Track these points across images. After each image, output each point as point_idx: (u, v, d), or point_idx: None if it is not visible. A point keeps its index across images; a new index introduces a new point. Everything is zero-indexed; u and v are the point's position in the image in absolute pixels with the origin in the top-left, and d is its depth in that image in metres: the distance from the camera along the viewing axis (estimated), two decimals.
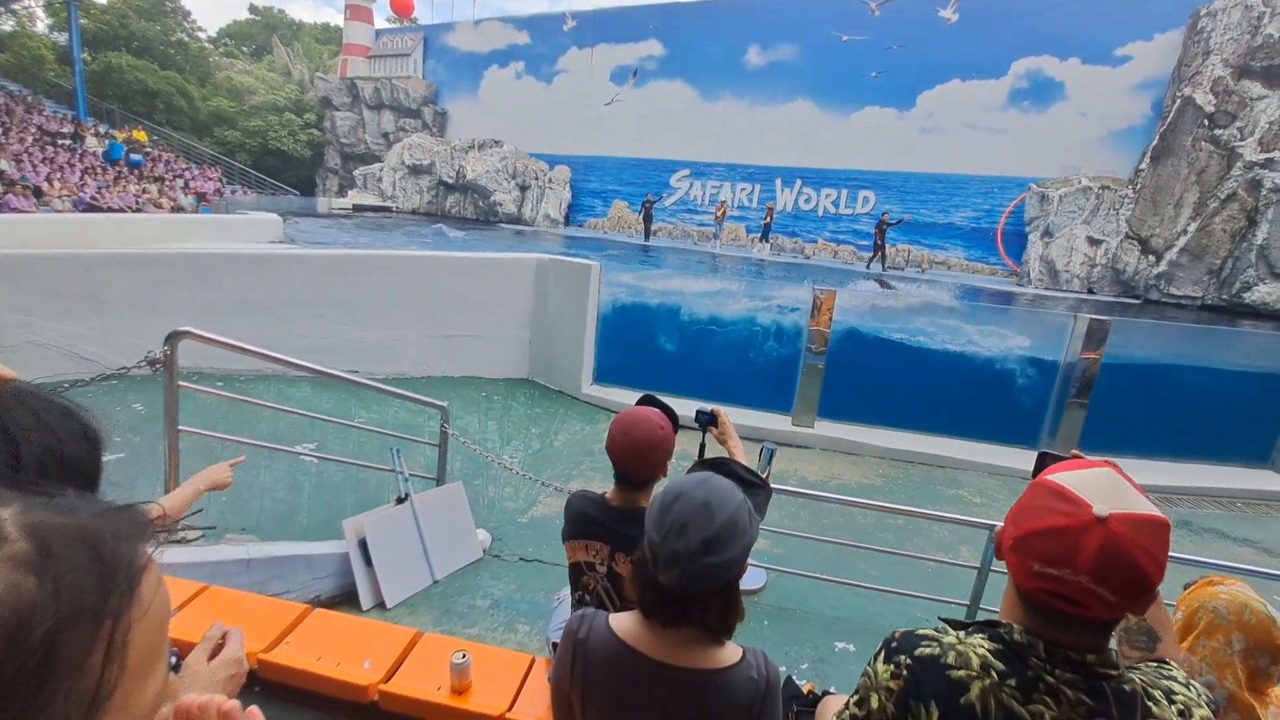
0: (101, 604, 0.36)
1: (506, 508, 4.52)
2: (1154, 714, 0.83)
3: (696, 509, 1.05)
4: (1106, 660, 0.86)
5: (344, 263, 6.99)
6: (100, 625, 0.36)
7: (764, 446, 3.58)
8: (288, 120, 28.04)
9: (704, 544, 1.02)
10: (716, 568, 1.03)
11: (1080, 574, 0.80)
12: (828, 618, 3.54)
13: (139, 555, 0.39)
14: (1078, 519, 0.82)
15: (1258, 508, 5.75)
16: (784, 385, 6.48)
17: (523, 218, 23.45)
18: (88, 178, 15.86)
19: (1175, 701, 0.86)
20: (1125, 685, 0.85)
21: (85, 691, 0.35)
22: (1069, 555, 0.81)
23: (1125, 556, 0.80)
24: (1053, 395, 6.16)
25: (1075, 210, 16.02)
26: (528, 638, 3.13)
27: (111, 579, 0.37)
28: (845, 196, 20.05)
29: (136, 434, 4.54)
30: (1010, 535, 0.89)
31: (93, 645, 0.36)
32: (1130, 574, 0.80)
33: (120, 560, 0.38)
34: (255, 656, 2.09)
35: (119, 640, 0.37)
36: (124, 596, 0.38)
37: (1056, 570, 0.82)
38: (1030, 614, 0.89)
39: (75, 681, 0.35)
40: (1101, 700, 0.83)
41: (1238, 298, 13.78)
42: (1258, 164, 13.50)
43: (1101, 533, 0.80)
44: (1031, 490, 0.91)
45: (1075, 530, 0.81)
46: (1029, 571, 0.85)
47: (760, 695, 1.09)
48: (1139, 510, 0.82)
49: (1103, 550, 0.79)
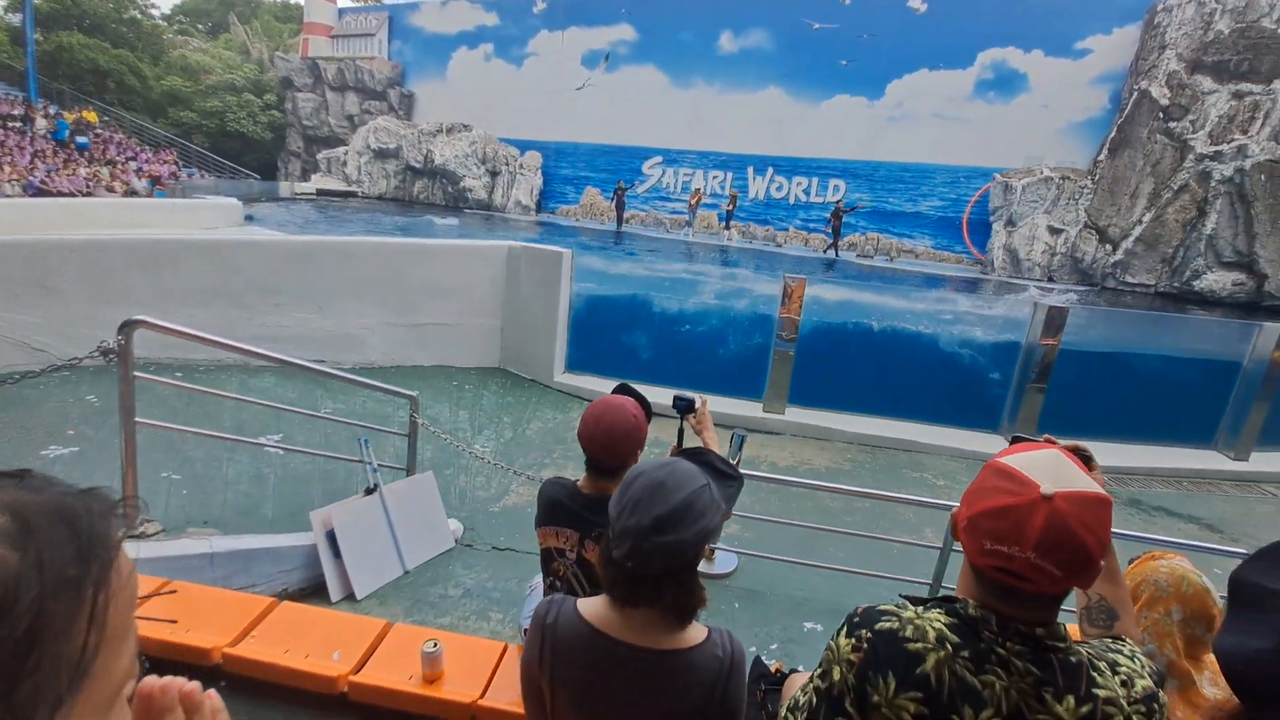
0: (82, 575, 0.38)
1: (478, 497, 4.50)
2: (1098, 683, 0.88)
3: (652, 488, 1.07)
4: (1055, 633, 0.90)
5: (308, 250, 6.81)
6: (82, 595, 0.38)
7: (735, 433, 3.63)
8: (247, 101, 27.06)
9: (655, 522, 1.04)
10: (666, 546, 1.04)
11: (1028, 550, 0.84)
12: (797, 599, 3.62)
13: (113, 530, 0.42)
14: (1025, 498, 0.86)
15: (1202, 485, 6.04)
16: (755, 372, 6.56)
17: (493, 204, 23.11)
18: (37, 161, 15.14)
19: (1119, 672, 0.91)
20: (1072, 657, 0.89)
21: (71, 657, 0.37)
22: (1017, 533, 0.85)
23: (1069, 533, 0.84)
24: (1013, 380, 6.36)
25: (1037, 200, 16.45)
26: (501, 626, 3.13)
27: (90, 552, 0.39)
28: (816, 185, 20.23)
29: (90, 427, 4.39)
30: (963, 516, 0.94)
31: (76, 614, 0.38)
32: (1074, 550, 0.84)
33: (96, 535, 0.40)
34: (220, 650, 2.05)
35: (100, 609, 0.39)
36: (103, 567, 0.40)
37: (1006, 548, 0.85)
38: (984, 589, 0.93)
39: (61, 647, 0.37)
40: (1049, 671, 0.87)
41: (1188, 285, 14.35)
42: (1208, 156, 14.02)
43: (1047, 510, 0.84)
44: (983, 472, 0.95)
45: (1023, 509, 0.85)
46: (980, 549, 0.89)
47: (725, 672, 1.12)
48: (1082, 488, 0.87)
49: (1048, 527, 0.84)
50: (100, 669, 0.39)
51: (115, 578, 0.41)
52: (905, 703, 0.88)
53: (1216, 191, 13.89)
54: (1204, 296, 14.15)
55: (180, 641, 2.06)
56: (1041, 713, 0.86)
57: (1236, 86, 14.01)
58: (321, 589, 3.23)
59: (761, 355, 6.51)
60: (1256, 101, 13.72)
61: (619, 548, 1.06)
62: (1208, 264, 14.15)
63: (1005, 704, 0.87)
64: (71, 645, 0.37)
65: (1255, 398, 6.26)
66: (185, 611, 2.22)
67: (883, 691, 0.89)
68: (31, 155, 15.24)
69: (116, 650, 0.41)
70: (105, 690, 0.40)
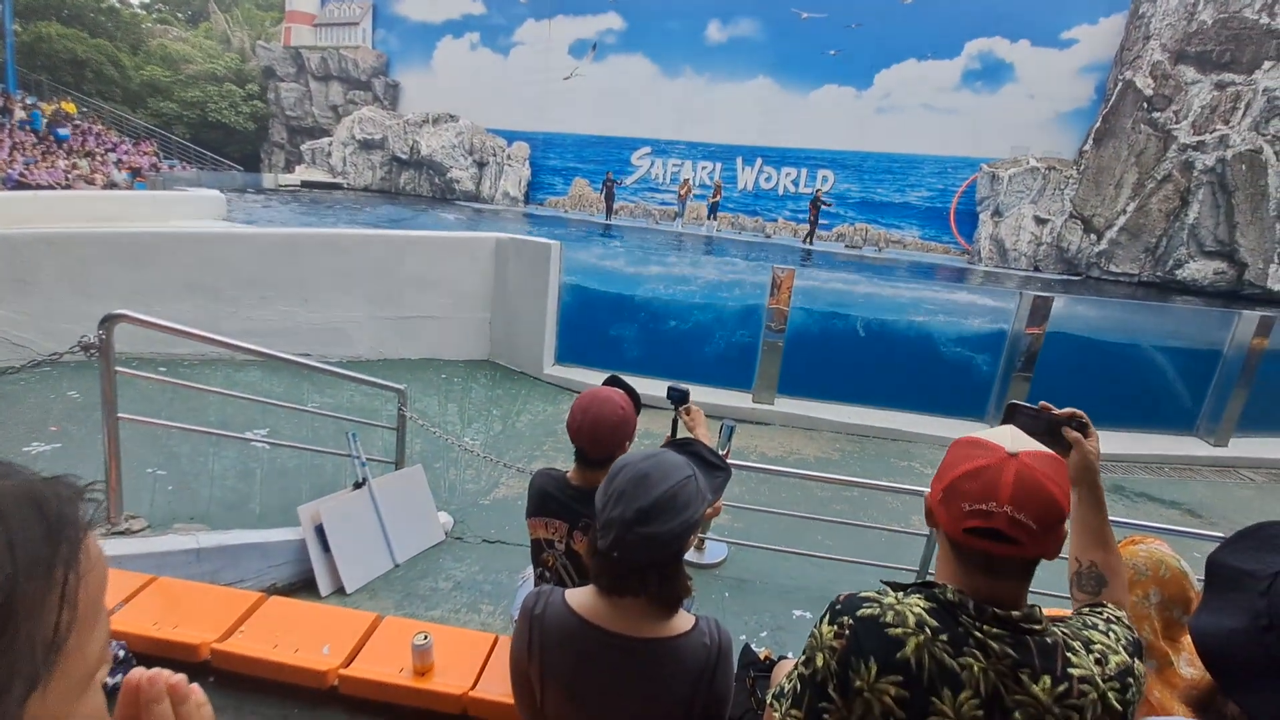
0: (52, 555, 0.39)
1: (468, 490, 4.49)
2: (1073, 663, 0.91)
3: (636, 479, 1.08)
4: (1030, 616, 0.93)
5: (292, 242, 6.73)
6: (52, 574, 0.39)
7: (723, 424, 3.64)
8: (228, 91, 26.58)
9: (638, 514, 1.05)
10: (649, 538, 1.05)
11: (1004, 504, 0.89)
12: (786, 587, 3.65)
13: (80, 514, 0.43)
14: (995, 457, 0.93)
15: (1183, 472, 6.15)
16: (744, 363, 6.58)
17: (481, 195, 22.90)
18: (15, 153, 14.83)
19: (1093, 650, 0.94)
20: (1048, 638, 0.92)
21: (46, 634, 0.39)
22: (992, 488, 0.90)
23: (1038, 484, 0.90)
24: (999, 369, 6.42)
25: (1023, 190, 16.55)
26: (491, 618, 3.14)
27: (59, 533, 0.40)
28: (805, 176, 20.22)
29: (73, 423, 4.33)
30: (937, 490, 0.98)
31: (48, 593, 0.39)
32: (1044, 501, 0.90)
33: (64, 517, 0.41)
34: (209, 646, 2.05)
35: (71, 588, 0.40)
36: (72, 548, 0.41)
37: (984, 505, 0.91)
38: (963, 565, 0.96)
39: (35, 625, 0.38)
40: (1025, 652, 0.90)
41: (1170, 275, 14.52)
42: (1190, 146, 14.16)
43: (1015, 465, 0.91)
44: (949, 451, 1.01)
45: (994, 467, 0.92)
46: (960, 514, 0.93)
47: (712, 660, 1.13)
48: (1038, 448, 0.95)
49: (1019, 480, 0.90)
50: (74, 648, 0.40)
51: (84, 559, 0.42)
52: (886, 686, 0.90)
53: (1199, 181, 14.04)
54: (1186, 285, 14.34)
55: (168, 638, 2.05)
56: (1018, 693, 0.89)
57: (1219, 77, 14.14)
58: (310, 584, 3.22)
59: (750, 346, 6.53)
60: (1238, 92, 13.86)
61: (604, 538, 1.07)
62: (1190, 253, 14.32)
63: (983, 685, 0.89)
64: (44, 624, 0.39)
65: (1235, 384, 6.37)
66: (173, 607, 2.21)
67: (864, 676, 0.91)
68: (10, 148, 14.93)
69: (88, 631, 0.42)
70: (79, 670, 0.41)
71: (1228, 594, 0.92)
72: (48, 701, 0.39)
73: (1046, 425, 1.27)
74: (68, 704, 0.41)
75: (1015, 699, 0.88)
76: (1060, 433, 1.28)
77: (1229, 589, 0.92)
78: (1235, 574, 0.92)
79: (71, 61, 23.56)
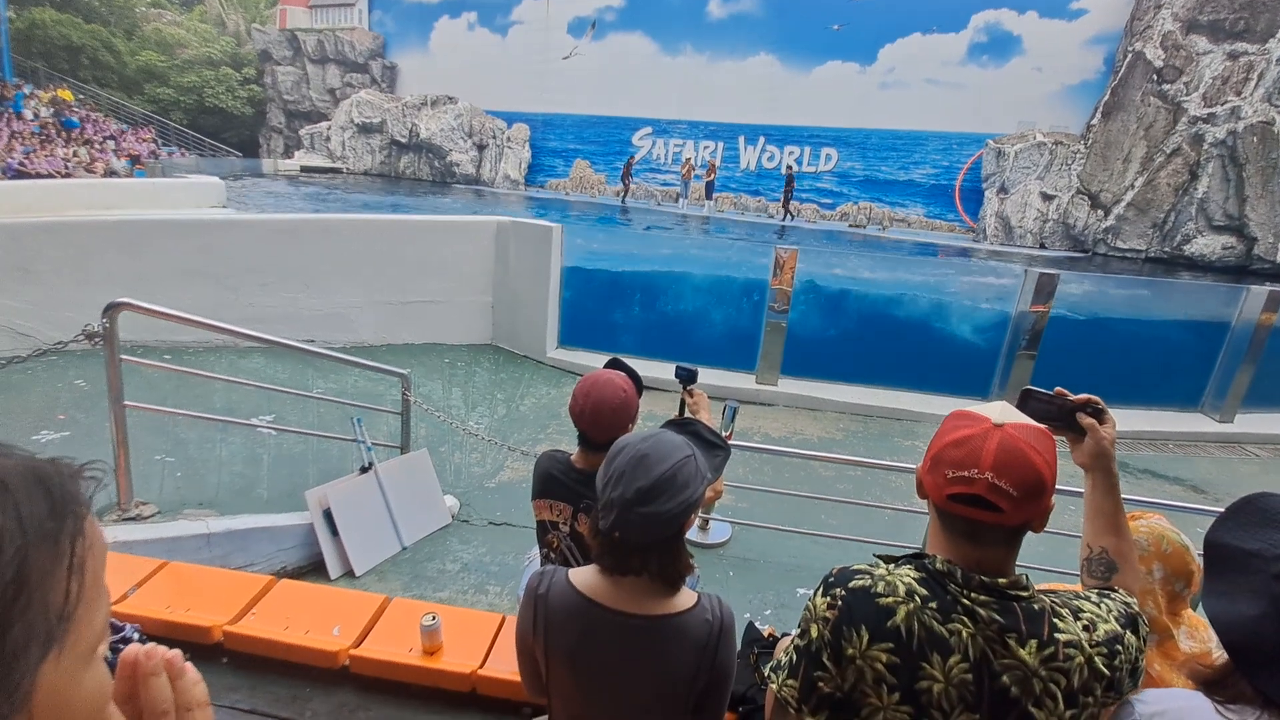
0: (59, 528, 0.41)
1: (474, 473, 4.53)
2: (1060, 628, 0.93)
3: (635, 460, 1.09)
4: (1017, 583, 0.95)
5: (293, 228, 6.71)
6: (60, 545, 0.41)
7: (726, 405, 3.65)
8: (225, 75, 26.32)
9: (638, 494, 1.06)
10: (650, 518, 1.06)
11: (985, 471, 0.91)
12: (789, 566, 3.69)
13: (81, 490, 0.45)
14: (979, 428, 0.94)
15: (1188, 448, 6.14)
16: (747, 344, 6.57)
17: (481, 179, 22.74)
18: (14, 142, 14.77)
19: (1081, 618, 0.96)
20: (1035, 605, 0.94)
21: (56, 603, 0.41)
22: (974, 456, 0.92)
23: (1020, 453, 0.91)
24: (1003, 347, 6.40)
25: (1030, 166, 16.33)
26: (498, 599, 3.18)
27: (64, 507, 0.42)
28: (808, 154, 19.98)
29: (81, 411, 4.36)
30: (926, 459, 1.00)
31: (56, 563, 0.41)
32: (1025, 468, 0.91)
33: (68, 492, 0.43)
34: (221, 629, 2.08)
35: (79, 558, 0.42)
36: (77, 521, 0.43)
37: (965, 472, 0.92)
38: (949, 533, 0.99)
39: (46, 593, 0.40)
40: (1012, 618, 0.92)
41: (1178, 250, 14.38)
42: (1201, 118, 13.93)
43: (999, 435, 0.93)
44: (942, 424, 1.02)
45: (978, 436, 0.93)
46: (943, 481, 0.95)
47: (715, 636, 1.14)
48: (1024, 420, 0.97)
49: (1001, 448, 0.91)
50: (82, 617, 0.43)
51: (89, 532, 0.44)
52: (877, 653, 0.93)
53: (1208, 154, 13.83)
54: (1194, 261, 14.20)
55: (181, 620, 2.09)
56: (1005, 657, 0.91)
57: (1231, 46, 13.85)
58: (319, 567, 3.27)
59: (754, 327, 6.51)
60: (1251, 62, 13.58)
61: (605, 519, 1.08)
62: (1198, 228, 14.16)
63: (971, 650, 0.91)
64: (55, 592, 0.41)
65: (1242, 360, 6.33)
66: (184, 591, 2.24)
67: (856, 644, 0.94)
68: (9, 137, 14.87)
69: (94, 603, 0.44)
70: (87, 640, 0.44)
71: (1235, 576, 0.92)
72: (61, 667, 0.41)
73: (1059, 411, 1.26)
74: (77, 672, 0.43)
75: (1003, 663, 0.91)
76: (1075, 419, 1.26)
77: (1235, 570, 0.92)
78: (1239, 554, 0.92)
79: (67, 48, 23.33)
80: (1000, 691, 0.91)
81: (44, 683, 0.40)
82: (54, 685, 0.41)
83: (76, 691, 0.43)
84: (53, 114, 17.77)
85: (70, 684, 0.42)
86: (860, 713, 0.95)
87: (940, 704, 0.91)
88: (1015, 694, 0.91)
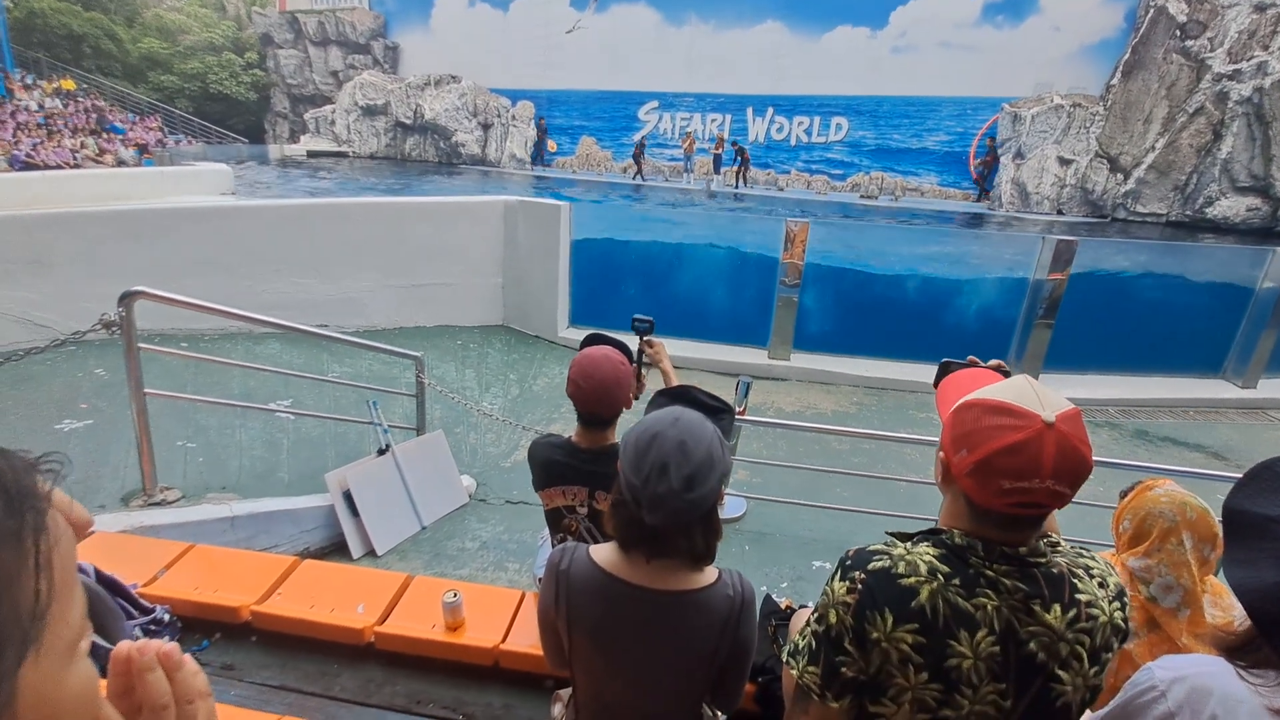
0: (19, 525, 0.39)
1: (489, 453, 4.57)
2: (1079, 589, 0.94)
3: (674, 449, 1.07)
4: (1035, 550, 0.95)
5: (302, 213, 6.72)
6: (23, 544, 0.39)
7: (739, 380, 3.64)
8: (228, 61, 26.17)
9: (685, 481, 1.05)
10: (698, 501, 1.07)
11: (1046, 480, 0.87)
12: (805, 539, 3.70)
13: (39, 484, 0.42)
14: (1031, 429, 0.87)
15: (1209, 414, 6.05)
16: (759, 319, 6.52)
17: (487, 159, 22.56)
18: (20, 134, 14.83)
19: (1094, 575, 0.97)
20: (1053, 569, 0.94)
21: (26, 604, 0.39)
22: (1034, 465, 0.87)
23: (1075, 452, 0.88)
24: (1020, 316, 6.30)
25: (1047, 130, 15.91)
26: (518, 575, 3.23)
27: (21, 503, 0.40)
28: (818, 124, 19.59)
29: (103, 400, 4.43)
30: (968, 461, 0.92)
31: (22, 563, 0.39)
32: (1079, 466, 0.88)
33: (23, 488, 0.41)
34: (249, 608, 2.12)
35: (45, 555, 0.40)
36: (39, 516, 0.41)
37: (1026, 483, 0.87)
38: (979, 522, 0.96)
39: (15, 594, 0.38)
40: (1034, 584, 0.92)
41: (1200, 213, 14.02)
42: (1225, 75, 13.46)
43: (1054, 438, 0.87)
44: (969, 413, 0.94)
45: (1034, 442, 0.87)
46: (998, 490, 0.89)
47: (736, 611, 1.15)
48: (1066, 406, 0.90)
49: (1059, 453, 0.87)
50: (56, 616, 0.41)
51: (52, 527, 0.42)
52: (903, 635, 0.92)
53: (1233, 113, 13.39)
54: (1217, 224, 13.84)
55: (210, 601, 2.14)
56: (1032, 624, 0.91)
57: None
58: (341, 547, 3.32)
59: (765, 302, 6.46)
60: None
61: (653, 514, 1.05)
62: (1221, 190, 13.77)
63: (997, 622, 0.91)
64: (25, 593, 0.39)
65: (1266, 324, 6.20)
66: (211, 573, 2.29)
67: (880, 627, 0.93)
68: (15, 129, 14.93)
69: (67, 600, 0.42)
70: (64, 638, 0.42)
71: (1257, 543, 0.90)
72: (41, 668, 0.39)
73: None
74: (59, 672, 0.41)
75: (1029, 630, 0.91)
76: None
77: (1257, 537, 0.90)
78: (1260, 521, 0.90)
79: (68, 37, 23.25)
80: (1027, 659, 0.91)
81: (25, 687, 0.38)
82: (36, 689, 0.39)
83: (62, 692, 0.41)
84: (63, 105, 17.80)
85: (54, 686, 0.41)
86: (887, 693, 0.95)
87: (969, 679, 0.91)
88: (1042, 659, 0.91)
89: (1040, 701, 0.93)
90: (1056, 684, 0.92)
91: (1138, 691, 0.93)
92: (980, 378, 1.15)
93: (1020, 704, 0.92)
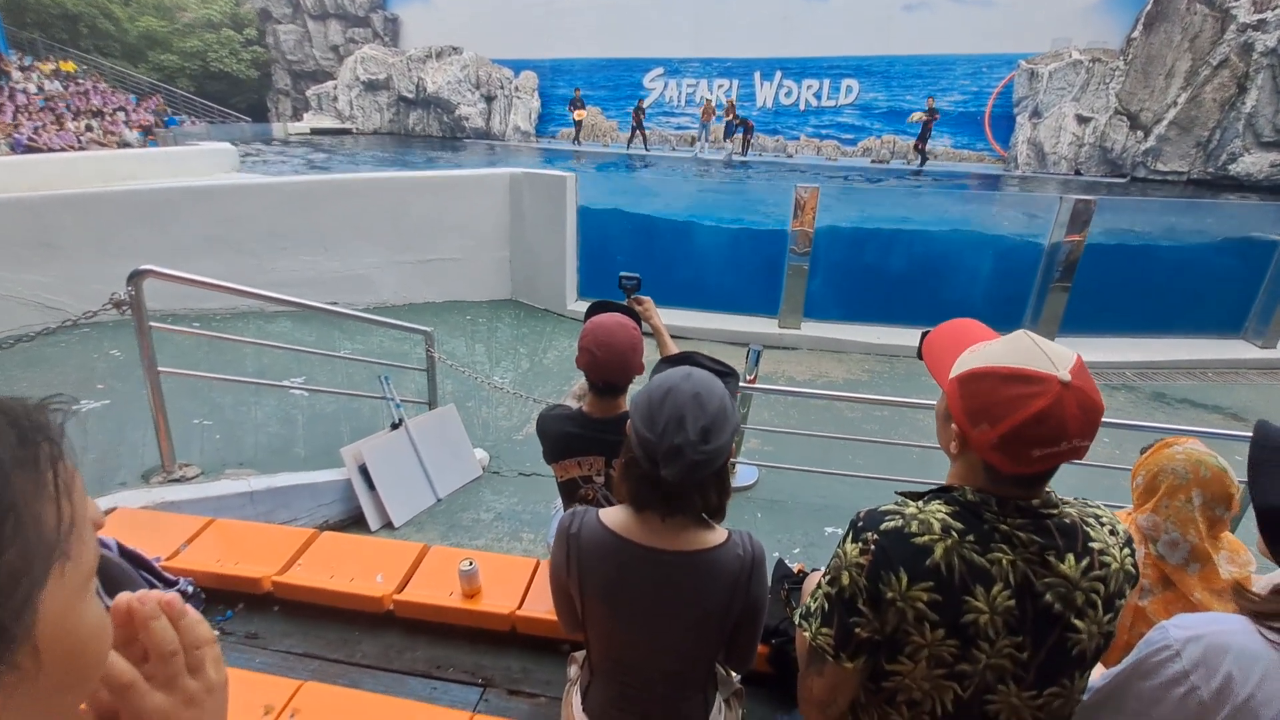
0: (34, 453, 0.39)
1: (501, 426, 4.60)
2: (1092, 537, 0.94)
3: (689, 401, 1.07)
4: (1047, 501, 0.95)
5: (307, 189, 6.69)
6: (40, 469, 0.39)
7: (750, 348, 3.62)
8: (227, 38, 25.83)
9: (702, 433, 1.06)
10: (714, 453, 1.07)
11: (1073, 439, 0.87)
12: (816, 506, 3.71)
13: (51, 419, 0.42)
14: (1051, 394, 0.86)
15: (1228, 375, 5.97)
16: (769, 288, 6.46)
17: (491, 132, 22.26)
18: (20, 117, 14.78)
19: (1104, 524, 0.97)
20: (1066, 520, 0.94)
21: (50, 523, 0.39)
22: (1060, 428, 0.86)
23: (1092, 404, 0.88)
24: (1036, 279, 6.19)
25: (1065, 87, 15.42)
26: (533, 545, 3.27)
27: (35, 434, 0.40)
28: (827, 87, 19.10)
29: (118, 380, 4.50)
30: (993, 435, 0.90)
31: (41, 486, 0.39)
32: (1098, 417, 0.88)
33: (36, 421, 0.41)
34: (270, 579, 2.17)
35: (64, 480, 0.41)
36: (55, 445, 0.41)
37: (1055, 447, 0.87)
38: (995, 483, 0.95)
39: (38, 514, 0.38)
40: (1048, 535, 0.92)
41: (1223, 170, 13.62)
42: (1250, 25, 12.92)
43: (1073, 397, 0.86)
44: (983, 384, 0.91)
45: (1055, 406, 0.86)
46: (1030, 459, 0.89)
47: (747, 570, 1.15)
48: (1070, 356, 0.89)
49: (1081, 410, 0.86)
50: (75, 543, 0.41)
51: (69, 458, 0.42)
52: (918, 594, 0.92)
53: (1259, 65, 12.89)
54: (1240, 181, 13.44)
55: (232, 573, 2.18)
56: (1048, 575, 0.91)
57: None
58: (359, 520, 3.38)
59: (775, 270, 6.38)
60: None
61: (670, 467, 1.05)
62: (1245, 145, 13.34)
63: (1013, 576, 0.91)
64: (47, 513, 0.39)
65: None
66: (232, 546, 2.34)
67: (895, 587, 0.92)
68: (15, 111, 14.87)
69: (82, 532, 0.42)
70: (81, 569, 0.42)
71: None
72: (65, 589, 0.39)
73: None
74: (78, 601, 0.41)
75: (1045, 582, 0.91)
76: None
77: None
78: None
79: (63, 16, 22.96)
80: (1044, 610, 0.91)
81: (47, 612, 0.38)
82: (58, 616, 0.39)
83: (82, 625, 0.41)
84: (64, 87, 17.69)
85: (75, 616, 0.41)
86: (904, 651, 0.95)
87: (986, 633, 0.91)
88: (1058, 610, 0.91)
89: (1056, 651, 0.93)
90: (1073, 633, 0.92)
91: (1151, 650, 0.92)
92: (960, 330, 1.11)
93: (1037, 655, 0.93)
